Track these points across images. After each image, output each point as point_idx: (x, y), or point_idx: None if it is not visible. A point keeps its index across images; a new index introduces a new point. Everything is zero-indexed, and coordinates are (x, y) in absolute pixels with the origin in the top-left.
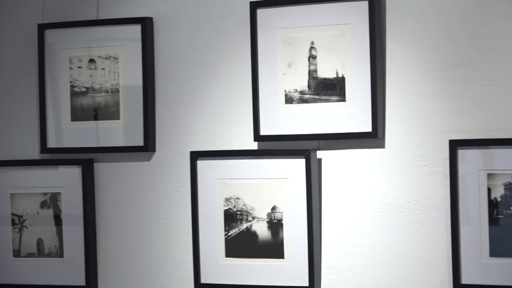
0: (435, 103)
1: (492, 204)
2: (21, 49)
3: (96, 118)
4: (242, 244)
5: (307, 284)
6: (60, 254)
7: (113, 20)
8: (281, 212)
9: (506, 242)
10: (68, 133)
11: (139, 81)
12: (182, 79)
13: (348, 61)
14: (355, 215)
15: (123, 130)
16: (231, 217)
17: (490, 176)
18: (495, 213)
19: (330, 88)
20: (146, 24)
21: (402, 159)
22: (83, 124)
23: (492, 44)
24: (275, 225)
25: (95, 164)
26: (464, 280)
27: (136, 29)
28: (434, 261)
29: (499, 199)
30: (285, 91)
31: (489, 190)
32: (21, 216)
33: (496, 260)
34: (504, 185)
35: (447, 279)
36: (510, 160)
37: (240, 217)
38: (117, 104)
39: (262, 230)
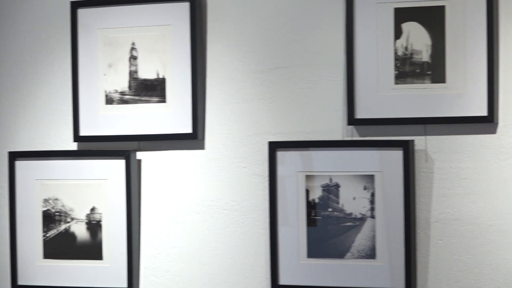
0: (255, 105)
1: (310, 206)
2: None
3: None
4: (60, 245)
5: (125, 286)
6: None
7: None
8: (100, 213)
9: (323, 243)
10: None
11: None
12: (1, 79)
13: (169, 62)
14: (175, 216)
15: None
16: (50, 218)
17: (308, 177)
18: (313, 214)
19: (151, 89)
20: None
21: (222, 161)
22: None
23: (311, 47)
24: (94, 226)
25: None
26: (282, 281)
27: None
28: (252, 262)
29: (317, 201)
30: (105, 91)
31: (307, 191)
32: None
33: (313, 261)
34: (322, 187)
35: (265, 280)
36: (328, 162)
37: (59, 218)
38: None
39: (81, 231)
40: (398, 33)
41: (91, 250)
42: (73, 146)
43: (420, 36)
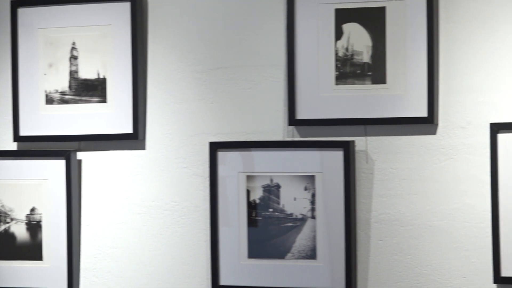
0: (196, 105)
1: (251, 206)
2: None
3: None
4: (0, 246)
5: (65, 287)
6: None
7: None
8: (40, 214)
9: (264, 243)
10: None
11: None
12: None
13: (110, 62)
14: (115, 217)
15: None
16: None
17: (249, 178)
18: (253, 214)
19: (91, 89)
20: None
21: (163, 161)
22: None
23: (252, 47)
24: (34, 227)
25: None
26: (223, 281)
27: None
28: (193, 263)
29: (257, 201)
30: (45, 91)
31: (248, 192)
32: None
33: (254, 261)
34: (263, 187)
35: (205, 280)
36: (268, 162)
37: None
38: None
39: (20, 231)
40: (339, 34)
41: (31, 250)
42: (13, 146)
43: (360, 37)
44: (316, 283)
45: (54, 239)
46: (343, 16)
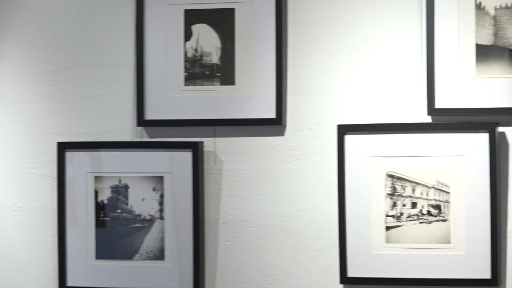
0: (44, 105)
1: (99, 207)
2: None
3: None
4: None
5: None
6: None
7: None
8: None
9: (112, 244)
10: None
11: None
12: None
13: None
14: None
15: None
16: None
17: (97, 178)
18: (101, 215)
19: None
20: None
21: (10, 161)
22: None
23: (101, 47)
24: None
25: None
26: (70, 282)
27: None
28: (40, 264)
29: (106, 202)
30: None
31: (96, 192)
32: None
33: (101, 262)
34: (111, 188)
35: (52, 282)
36: (117, 163)
37: None
38: None
39: None
40: (188, 35)
41: None
42: None
43: (209, 38)
44: (164, 283)
45: None
46: (192, 17)
